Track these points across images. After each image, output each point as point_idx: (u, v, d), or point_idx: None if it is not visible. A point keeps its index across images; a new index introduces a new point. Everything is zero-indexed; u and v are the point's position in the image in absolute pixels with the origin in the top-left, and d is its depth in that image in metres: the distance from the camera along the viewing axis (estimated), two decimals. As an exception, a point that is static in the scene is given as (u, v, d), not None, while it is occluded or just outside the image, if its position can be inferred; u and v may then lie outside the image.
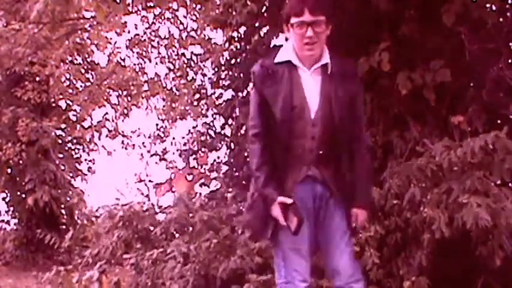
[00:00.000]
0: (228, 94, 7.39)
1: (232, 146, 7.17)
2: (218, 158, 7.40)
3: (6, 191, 12.29)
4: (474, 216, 4.17)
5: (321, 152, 3.12)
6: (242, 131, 6.94)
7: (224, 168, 7.23)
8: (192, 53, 9.70)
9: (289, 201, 3.04)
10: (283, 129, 3.09)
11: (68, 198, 12.05)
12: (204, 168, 7.42)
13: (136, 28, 9.93)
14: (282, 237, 3.13)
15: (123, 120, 12.19)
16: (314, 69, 3.17)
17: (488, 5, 5.52)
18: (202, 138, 7.46)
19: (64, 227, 11.71)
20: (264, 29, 6.63)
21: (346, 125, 3.14)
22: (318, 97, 3.12)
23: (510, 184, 4.96)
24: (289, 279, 3.15)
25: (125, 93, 11.91)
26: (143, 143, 11.47)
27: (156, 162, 8.83)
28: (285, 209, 3.04)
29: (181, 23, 9.84)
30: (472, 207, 4.20)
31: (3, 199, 12.39)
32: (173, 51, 10.14)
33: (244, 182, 6.69)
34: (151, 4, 8.67)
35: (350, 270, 3.16)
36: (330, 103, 3.11)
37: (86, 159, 12.89)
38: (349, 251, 3.19)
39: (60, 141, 12.27)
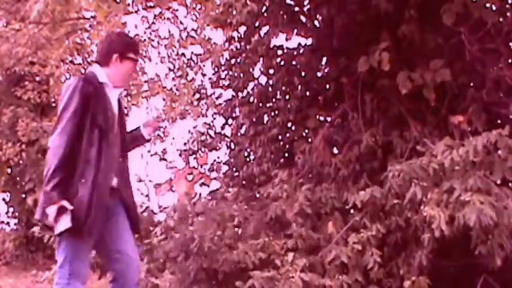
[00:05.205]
0: (228, 94, 7.39)
1: (232, 146, 7.17)
2: (218, 158, 7.39)
3: (6, 191, 12.28)
4: (478, 213, 4.17)
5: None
6: (242, 131, 6.95)
7: (224, 168, 7.23)
8: (192, 53, 9.70)
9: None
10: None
11: (68, 198, 12.03)
12: (204, 168, 7.42)
13: (136, 28, 9.94)
14: None
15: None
16: (118, 94, 3.95)
17: (488, 5, 5.52)
18: (202, 138, 7.45)
19: (64, 227, 11.69)
20: (264, 29, 6.63)
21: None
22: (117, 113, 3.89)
23: (510, 184, 4.96)
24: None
25: (124, 93, 11.90)
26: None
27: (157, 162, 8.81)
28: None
29: (181, 23, 9.84)
30: (475, 205, 4.20)
31: (3, 199, 12.39)
32: (173, 51, 10.14)
33: (244, 182, 6.70)
34: (151, 4, 8.67)
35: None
36: (122, 119, 3.93)
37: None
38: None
39: (60, 141, 12.24)
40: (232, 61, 7.22)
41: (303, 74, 6.56)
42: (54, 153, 3.56)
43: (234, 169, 7.03)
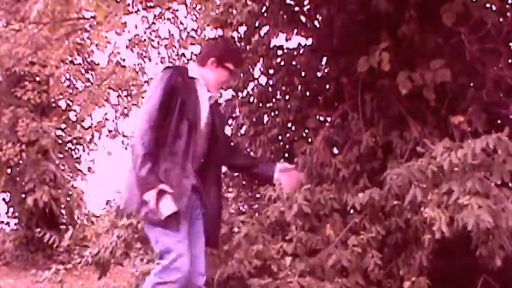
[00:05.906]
0: (228, 94, 7.39)
1: (232, 146, 7.17)
2: (218, 158, 7.39)
3: (6, 191, 12.29)
4: (475, 218, 4.16)
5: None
6: (242, 131, 6.94)
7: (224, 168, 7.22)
8: (192, 53, 9.69)
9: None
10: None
11: (68, 198, 12.06)
12: (204, 168, 7.41)
13: (136, 28, 9.94)
14: None
15: (123, 120, 12.20)
16: (209, 97, 3.82)
17: (488, 5, 5.51)
18: (202, 138, 7.44)
19: (64, 227, 11.72)
20: (264, 29, 6.63)
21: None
22: (206, 115, 3.80)
23: (510, 184, 4.95)
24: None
25: (125, 93, 11.91)
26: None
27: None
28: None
29: (181, 23, 9.84)
30: (473, 209, 4.19)
31: (3, 199, 12.40)
32: (173, 51, 10.13)
33: (244, 182, 6.69)
34: (151, 4, 8.67)
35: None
36: (219, 123, 3.91)
37: (86, 159, 12.90)
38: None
39: (60, 141, 12.28)
40: (232, 61, 7.21)
41: (303, 74, 6.56)
42: (141, 138, 3.50)
43: (234, 169, 7.02)
